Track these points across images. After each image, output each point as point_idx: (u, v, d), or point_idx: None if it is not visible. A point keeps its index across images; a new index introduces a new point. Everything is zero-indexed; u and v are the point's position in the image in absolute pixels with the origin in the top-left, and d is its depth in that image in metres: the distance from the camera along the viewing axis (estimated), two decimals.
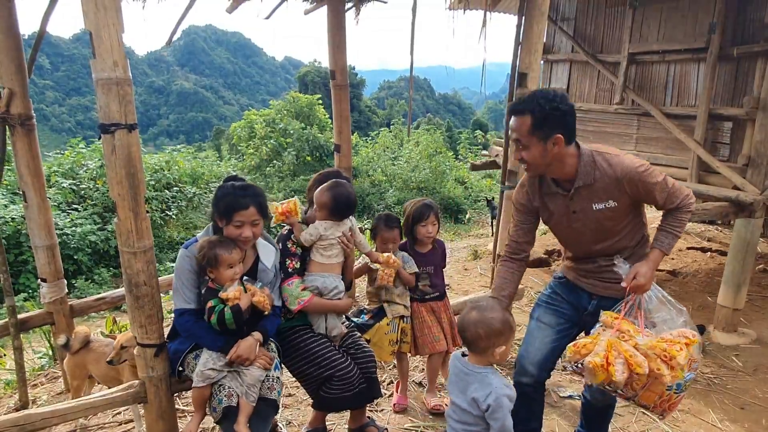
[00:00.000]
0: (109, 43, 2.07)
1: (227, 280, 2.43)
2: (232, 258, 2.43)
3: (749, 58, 4.58)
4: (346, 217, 2.80)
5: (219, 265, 2.40)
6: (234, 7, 4.24)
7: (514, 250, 2.59)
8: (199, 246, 2.44)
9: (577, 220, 2.36)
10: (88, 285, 9.26)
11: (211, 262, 2.39)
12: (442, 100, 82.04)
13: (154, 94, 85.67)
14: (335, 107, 4.71)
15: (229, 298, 2.37)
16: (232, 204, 2.43)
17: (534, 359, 2.54)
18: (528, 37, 3.52)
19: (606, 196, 2.27)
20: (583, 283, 2.54)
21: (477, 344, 2.10)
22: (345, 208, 2.76)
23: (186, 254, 2.50)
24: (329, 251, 2.77)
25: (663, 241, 2.32)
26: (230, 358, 2.40)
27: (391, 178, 17.52)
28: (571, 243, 2.54)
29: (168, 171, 12.58)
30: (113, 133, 2.15)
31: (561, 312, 2.58)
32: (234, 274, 2.45)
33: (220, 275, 2.42)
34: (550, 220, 2.49)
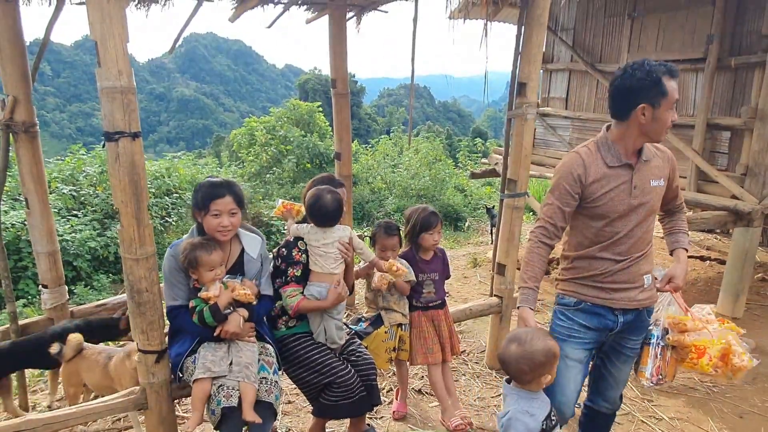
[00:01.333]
0: (114, 52, 2.10)
1: (208, 282, 2.50)
2: (211, 260, 2.48)
3: (747, 69, 4.62)
4: (327, 225, 2.77)
5: (199, 266, 2.47)
6: (237, 16, 4.28)
7: (550, 233, 2.39)
8: (182, 248, 2.49)
9: (635, 196, 2.31)
10: (88, 291, 9.23)
11: (192, 263, 2.46)
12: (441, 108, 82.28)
13: (154, 101, 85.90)
14: (336, 115, 4.75)
15: (210, 297, 2.44)
16: (208, 194, 2.51)
17: (571, 401, 2.48)
18: (527, 48, 3.55)
19: (659, 173, 2.34)
20: (608, 300, 2.39)
21: (522, 378, 2.09)
22: (320, 216, 2.75)
23: (171, 254, 2.57)
24: (324, 261, 2.76)
25: (683, 241, 2.48)
26: (218, 333, 2.48)
27: (391, 186, 17.53)
28: (620, 225, 2.33)
29: (168, 178, 12.59)
30: (117, 141, 2.18)
31: (586, 342, 2.46)
32: (215, 275, 2.51)
33: (201, 276, 2.50)
34: (604, 199, 2.30)
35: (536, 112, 6.63)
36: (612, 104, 2.31)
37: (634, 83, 2.17)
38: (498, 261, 3.98)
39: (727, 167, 4.82)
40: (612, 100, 2.30)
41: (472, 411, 3.57)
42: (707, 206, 4.60)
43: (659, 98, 2.16)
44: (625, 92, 2.21)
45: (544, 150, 6.72)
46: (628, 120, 2.24)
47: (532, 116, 3.67)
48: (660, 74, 2.15)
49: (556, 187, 2.35)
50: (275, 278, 2.80)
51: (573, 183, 2.30)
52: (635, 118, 2.22)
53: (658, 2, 5.25)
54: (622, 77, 2.22)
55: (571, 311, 2.46)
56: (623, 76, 2.21)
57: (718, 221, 4.45)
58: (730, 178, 4.60)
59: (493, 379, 3.98)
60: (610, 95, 2.32)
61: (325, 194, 2.75)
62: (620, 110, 2.26)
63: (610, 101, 2.32)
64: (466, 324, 4.77)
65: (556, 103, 6.59)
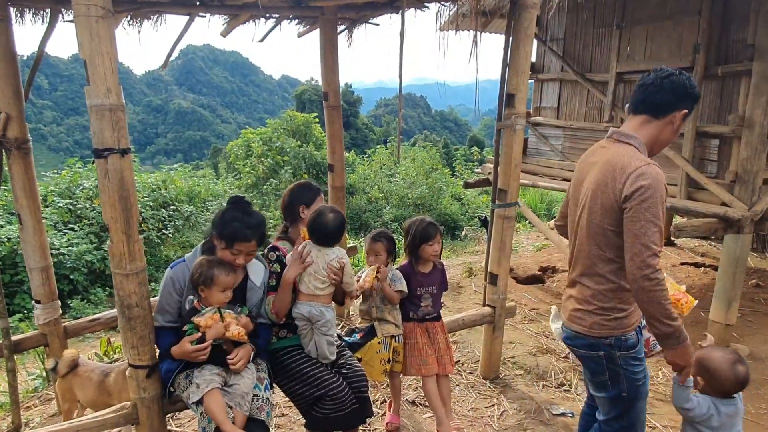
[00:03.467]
0: (102, 70, 2.13)
1: (217, 303, 2.48)
2: (228, 281, 2.48)
3: (733, 77, 4.68)
4: (327, 245, 2.75)
5: (213, 285, 2.45)
6: (228, 30, 4.33)
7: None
8: (198, 263, 2.49)
9: None
10: (84, 305, 9.22)
11: (207, 281, 2.44)
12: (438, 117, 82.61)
13: (152, 113, 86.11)
14: (328, 127, 4.79)
15: (200, 325, 2.41)
16: (237, 233, 2.50)
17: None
18: (515, 59, 3.60)
19: None
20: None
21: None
22: (320, 234, 2.72)
23: (170, 275, 2.57)
24: (314, 283, 2.74)
25: None
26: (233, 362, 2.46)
27: (388, 195, 17.56)
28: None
29: (165, 190, 12.61)
30: (106, 158, 2.20)
31: None
32: (225, 297, 2.50)
33: (212, 295, 2.47)
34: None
35: (528, 122, 6.71)
36: (650, 96, 2.19)
37: (688, 86, 2.15)
38: (490, 271, 4.00)
39: (716, 175, 4.85)
40: (652, 92, 2.18)
41: (466, 421, 3.58)
42: (697, 214, 4.63)
43: (691, 111, 2.22)
44: (677, 90, 2.15)
45: (537, 159, 6.76)
46: (663, 119, 2.19)
47: (521, 127, 3.71)
48: (698, 93, 2.21)
49: (656, 204, 2.03)
50: None
51: (665, 196, 2.13)
52: (670, 120, 2.19)
53: (645, 13, 5.31)
54: (680, 76, 2.16)
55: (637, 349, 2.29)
56: (678, 75, 2.16)
57: (709, 228, 4.48)
58: (720, 186, 4.64)
59: (487, 390, 3.99)
60: (651, 86, 2.18)
61: (327, 212, 2.73)
62: (660, 105, 2.18)
63: (648, 93, 2.19)
64: (460, 334, 4.78)
65: (548, 113, 6.64)
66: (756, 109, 4.30)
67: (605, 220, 2.17)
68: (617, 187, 2.11)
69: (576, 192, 2.39)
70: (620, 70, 5.57)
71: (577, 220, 2.34)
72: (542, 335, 4.96)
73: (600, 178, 2.18)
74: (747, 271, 6.63)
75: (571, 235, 2.44)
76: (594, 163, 2.27)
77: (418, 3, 4.08)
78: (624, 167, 2.11)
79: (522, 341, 4.81)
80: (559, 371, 4.27)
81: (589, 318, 2.26)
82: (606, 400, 2.37)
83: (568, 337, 2.42)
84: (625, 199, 2.07)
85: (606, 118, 5.76)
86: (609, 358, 2.27)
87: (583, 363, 2.46)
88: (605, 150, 2.26)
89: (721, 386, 2.32)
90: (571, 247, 2.43)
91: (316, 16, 4.35)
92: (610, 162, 2.17)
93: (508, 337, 4.66)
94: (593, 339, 2.27)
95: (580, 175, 2.37)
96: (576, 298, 2.33)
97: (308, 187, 3.07)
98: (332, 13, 4.33)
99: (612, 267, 2.20)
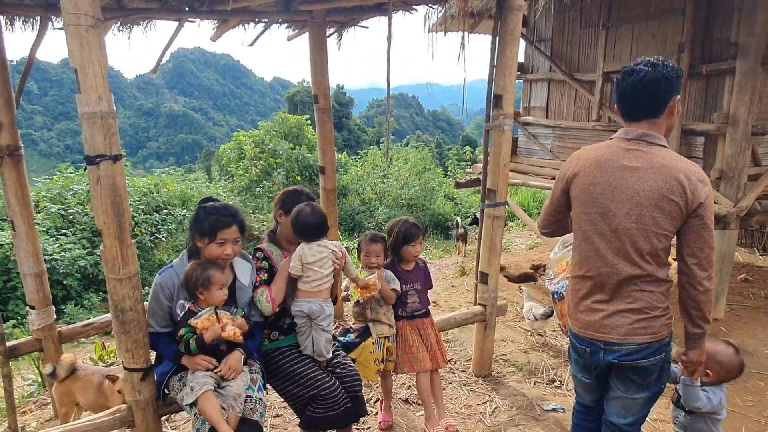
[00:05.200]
0: (93, 78, 2.16)
1: (218, 302, 2.52)
2: (223, 279, 2.53)
3: (718, 76, 4.75)
4: (316, 238, 2.80)
5: (211, 285, 2.49)
6: (218, 35, 4.36)
7: None
8: (190, 268, 2.51)
9: None
10: (78, 310, 9.21)
11: (205, 283, 2.48)
12: (431, 117, 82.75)
13: (143, 117, 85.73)
14: (319, 130, 4.83)
15: (198, 327, 2.45)
16: (216, 223, 2.54)
17: None
18: (502, 61, 3.65)
19: None
20: None
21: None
22: (306, 229, 2.77)
23: (159, 281, 2.59)
24: (315, 282, 2.79)
25: None
26: (221, 372, 2.48)
27: (381, 196, 17.61)
28: None
29: (157, 194, 12.60)
30: (98, 164, 2.23)
31: None
32: (223, 295, 2.54)
33: (211, 296, 2.50)
34: None
35: (518, 122, 6.77)
36: (640, 102, 2.17)
37: (667, 73, 2.11)
38: (481, 270, 4.05)
39: None
40: (639, 97, 2.16)
41: (458, 419, 3.62)
42: None
43: (679, 91, 2.19)
44: (661, 83, 2.11)
45: (527, 158, 6.82)
46: (663, 114, 2.17)
47: (509, 127, 3.76)
48: (675, 71, 2.15)
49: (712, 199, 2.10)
50: None
51: None
52: (669, 111, 2.17)
53: (630, 13, 5.38)
54: (654, 69, 2.11)
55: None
56: (655, 68, 2.11)
57: None
58: None
59: (479, 387, 4.03)
60: (634, 94, 2.16)
61: (304, 207, 2.81)
62: (654, 105, 2.15)
63: (636, 100, 2.17)
64: (452, 333, 4.82)
65: (537, 113, 6.71)
66: (740, 107, 4.37)
67: (666, 224, 2.12)
68: (687, 195, 2.07)
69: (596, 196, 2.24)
70: (607, 69, 5.64)
71: (609, 226, 2.21)
72: (533, 332, 5.01)
73: (663, 186, 2.09)
74: (736, 267, 6.73)
75: (587, 242, 2.30)
76: (638, 168, 2.15)
77: (406, 6, 4.12)
78: (687, 173, 2.08)
79: (514, 338, 4.86)
80: (550, 368, 4.33)
81: (656, 323, 2.21)
82: (642, 401, 2.32)
83: (630, 353, 2.22)
84: (699, 206, 2.07)
85: (594, 117, 5.82)
86: (666, 357, 2.27)
87: (632, 372, 2.27)
88: (645, 153, 2.16)
89: (730, 375, 2.49)
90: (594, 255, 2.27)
91: (305, 20, 4.39)
92: (667, 167, 2.10)
93: (500, 334, 4.71)
94: (659, 343, 2.23)
95: (612, 179, 2.20)
96: (632, 309, 2.21)
97: (296, 195, 3.03)
98: (321, 17, 4.37)
99: (667, 269, 2.23)
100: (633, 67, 2.18)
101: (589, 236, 2.28)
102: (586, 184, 2.27)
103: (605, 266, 2.23)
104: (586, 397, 2.59)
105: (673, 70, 2.14)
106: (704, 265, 2.10)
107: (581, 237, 2.33)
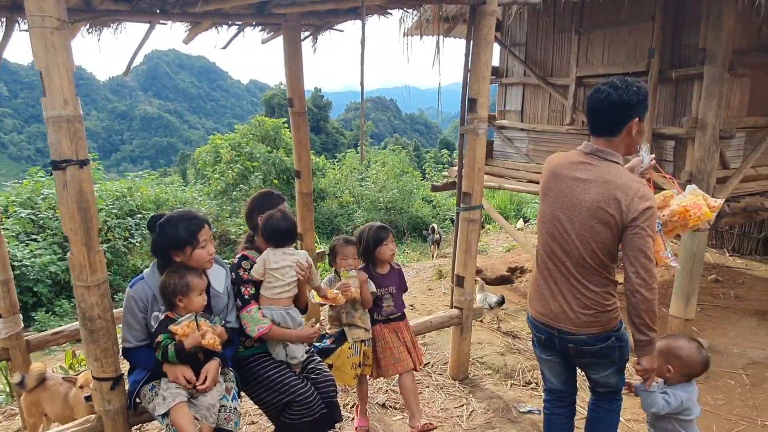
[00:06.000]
0: (59, 82, 2.11)
1: (198, 307, 2.48)
2: (202, 284, 2.50)
3: (686, 81, 4.85)
4: (285, 244, 2.80)
5: (191, 291, 2.44)
6: (191, 38, 4.31)
7: None
8: (166, 278, 2.46)
9: None
10: (49, 317, 9.01)
11: (184, 289, 2.43)
12: (409, 120, 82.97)
13: (116, 120, 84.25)
14: (294, 134, 4.80)
15: (177, 333, 2.40)
16: (191, 227, 2.50)
17: None
18: (476, 65, 3.67)
19: None
20: None
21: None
22: (275, 234, 2.78)
23: (131, 294, 2.53)
24: (276, 288, 2.77)
25: None
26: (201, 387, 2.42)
27: (359, 199, 17.60)
28: None
29: (130, 197, 12.40)
30: (64, 170, 2.18)
31: None
32: (203, 300, 2.51)
33: (191, 302, 2.46)
34: None
35: (493, 125, 6.82)
36: (600, 120, 2.35)
37: (628, 98, 2.26)
38: (457, 273, 4.06)
39: (673, 174, 5.01)
40: (600, 116, 2.34)
41: (435, 422, 3.61)
42: None
43: (644, 113, 2.33)
44: (619, 106, 2.28)
45: (503, 162, 6.88)
46: (620, 135, 2.32)
47: (484, 131, 3.78)
48: (646, 90, 2.32)
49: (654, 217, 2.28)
50: None
51: None
52: (626, 133, 2.32)
53: (601, 19, 5.47)
54: (614, 93, 2.27)
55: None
56: (616, 91, 2.27)
57: None
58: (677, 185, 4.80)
59: (456, 390, 4.04)
60: (596, 111, 2.34)
61: (275, 212, 2.83)
62: (612, 125, 2.32)
63: (597, 118, 2.35)
64: (429, 336, 4.83)
65: (512, 116, 6.77)
66: (708, 111, 4.47)
67: (603, 233, 2.31)
68: (622, 209, 2.24)
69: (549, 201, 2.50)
70: (580, 74, 5.72)
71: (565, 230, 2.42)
72: (510, 335, 5.05)
73: (601, 199, 2.29)
74: (707, 267, 6.87)
75: (542, 240, 2.54)
76: (585, 180, 2.35)
77: (381, 10, 4.12)
78: (626, 189, 2.25)
79: (491, 341, 4.88)
80: (526, 370, 4.36)
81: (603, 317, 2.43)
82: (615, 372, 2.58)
83: (583, 342, 2.46)
84: (632, 220, 2.23)
85: (568, 120, 5.90)
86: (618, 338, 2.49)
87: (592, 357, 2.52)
88: (594, 168, 2.35)
89: (693, 370, 2.48)
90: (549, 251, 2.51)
91: (279, 23, 4.36)
92: (609, 182, 2.29)
93: (476, 337, 4.73)
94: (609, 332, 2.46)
95: (564, 188, 2.43)
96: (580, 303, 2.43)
97: (268, 196, 3.08)
98: (295, 20, 4.35)
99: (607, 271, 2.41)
100: (599, 86, 2.34)
101: (544, 235, 2.54)
102: (543, 188, 2.55)
103: (557, 263, 2.47)
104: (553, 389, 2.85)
105: (636, 93, 2.28)
106: (641, 274, 2.23)
107: (540, 235, 2.59)
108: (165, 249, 2.53)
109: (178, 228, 2.49)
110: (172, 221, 2.53)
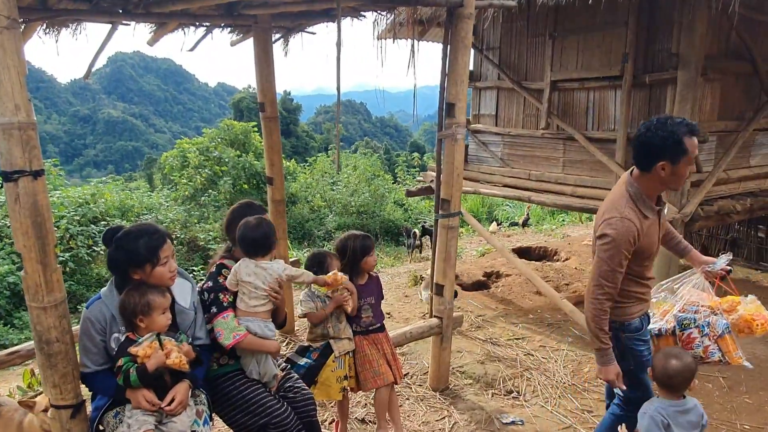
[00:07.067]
0: (9, 86, 1.93)
1: (161, 328, 2.31)
2: (164, 302, 2.32)
3: (660, 85, 4.87)
4: (260, 255, 2.66)
5: (152, 311, 2.27)
6: (156, 39, 4.12)
7: (612, 296, 2.48)
8: (125, 297, 2.29)
9: (660, 233, 2.62)
10: (8, 330, 8.62)
11: (145, 309, 2.26)
12: (379, 123, 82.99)
13: (79, 123, 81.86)
14: (266, 139, 4.66)
15: (138, 355, 2.22)
16: (151, 243, 2.33)
17: None
18: (453, 69, 3.59)
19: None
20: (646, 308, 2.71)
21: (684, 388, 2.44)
22: (249, 243, 2.65)
23: (87, 316, 2.35)
24: (252, 300, 2.64)
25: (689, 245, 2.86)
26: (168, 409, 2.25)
27: (331, 203, 17.43)
28: (651, 259, 2.62)
29: (94, 204, 11.97)
30: (16, 181, 2.00)
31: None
32: (167, 319, 2.33)
33: (153, 322, 2.29)
34: (645, 245, 2.50)
35: (468, 130, 6.76)
36: (635, 156, 2.49)
37: (657, 141, 2.36)
38: (436, 281, 3.97)
39: None
40: (635, 152, 2.49)
41: None
42: None
43: (679, 156, 2.36)
44: (647, 148, 2.40)
45: (478, 166, 6.83)
46: (650, 173, 2.43)
47: (462, 136, 3.71)
48: (681, 134, 2.33)
49: (615, 254, 2.41)
50: (204, 313, 2.64)
51: (629, 247, 2.43)
52: (656, 172, 2.41)
53: (575, 23, 5.46)
54: (645, 134, 2.40)
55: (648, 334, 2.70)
56: (647, 133, 2.39)
57: None
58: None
59: (437, 402, 3.94)
60: (633, 148, 2.52)
61: (250, 219, 2.69)
62: (642, 163, 2.45)
63: (633, 153, 2.51)
64: (408, 346, 4.72)
65: (487, 120, 6.73)
66: (682, 115, 4.46)
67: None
68: (596, 225, 2.56)
69: None
70: (554, 78, 5.71)
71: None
72: (489, 342, 4.98)
73: (599, 211, 2.59)
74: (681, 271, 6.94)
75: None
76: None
77: (354, 12, 4.02)
78: (604, 211, 2.51)
79: (470, 349, 4.81)
80: (507, 378, 4.29)
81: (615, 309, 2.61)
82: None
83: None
84: (597, 238, 2.51)
85: (542, 125, 5.88)
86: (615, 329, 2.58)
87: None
88: (615, 186, 2.63)
89: (658, 380, 2.45)
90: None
91: (249, 24, 4.20)
92: (606, 200, 2.58)
93: (455, 345, 4.65)
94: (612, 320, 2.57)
95: None
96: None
97: (249, 207, 2.94)
98: (266, 22, 4.20)
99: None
100: (644, 122, 2.49)
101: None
102: None
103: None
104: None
105: (664, 139, 2.35)
106: (590, 283, 2.47)
107: None
108: (123, 266, 2.36)
109: (137, 244, 2.32)
110: (131, 236, 2.35)
